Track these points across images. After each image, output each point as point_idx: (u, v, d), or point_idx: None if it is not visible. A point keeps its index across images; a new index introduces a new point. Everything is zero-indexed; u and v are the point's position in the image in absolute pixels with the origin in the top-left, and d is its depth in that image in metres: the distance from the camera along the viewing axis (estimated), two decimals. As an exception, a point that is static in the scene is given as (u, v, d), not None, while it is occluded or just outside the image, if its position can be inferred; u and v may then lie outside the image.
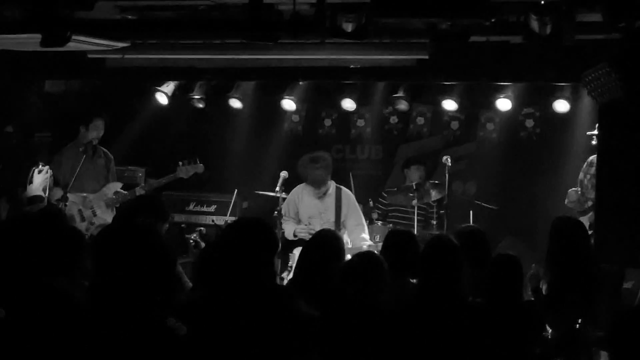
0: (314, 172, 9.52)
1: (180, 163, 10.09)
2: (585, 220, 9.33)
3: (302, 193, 9.67)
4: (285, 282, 9.08)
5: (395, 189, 11.01)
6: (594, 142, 9.50)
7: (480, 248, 6.74)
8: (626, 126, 8.54)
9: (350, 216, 9.64)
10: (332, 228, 9.10)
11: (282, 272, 9.13)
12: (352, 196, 9.76)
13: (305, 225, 9.54)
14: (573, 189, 9.76)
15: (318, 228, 9.31)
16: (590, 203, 9.54)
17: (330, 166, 9.68)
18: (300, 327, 4.14)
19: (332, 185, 9.65)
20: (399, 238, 6.78)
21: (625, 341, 3.75)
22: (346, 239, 9.46)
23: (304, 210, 9.63)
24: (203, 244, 6.10)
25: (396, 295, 5.66)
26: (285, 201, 9.66)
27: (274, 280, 4.41)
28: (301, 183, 9.74)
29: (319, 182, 9.55)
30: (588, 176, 9.64)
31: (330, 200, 9.63)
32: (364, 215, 10.26)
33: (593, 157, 9.63)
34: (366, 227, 9.78)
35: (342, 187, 9.73)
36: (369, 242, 9.52)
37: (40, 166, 8.29)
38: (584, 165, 9.76)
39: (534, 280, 7.35)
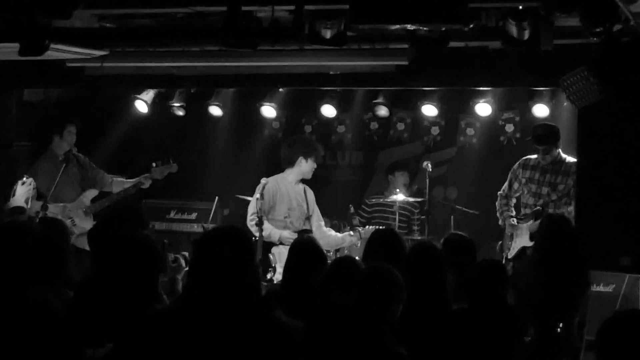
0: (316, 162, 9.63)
1: (154, 164, 10.08)
2: (525, 229, 9.31)
3: (280, 185, 9.53)
4: (273, 281, 9.08)
5: (374, 200, 11.08)
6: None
7: (467, 257, 6.75)
8: (605, 130, 8.58)
9: (315, 211, 9.68)
10: (306, 219, 9.43)
11: (265, 273, 9.06)
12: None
13: (285, 217, 9.48)
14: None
15: (295, 220, 9.38)
16: (528, 210, 9.49)
17: None
18: (279, 338, 4.09)
19: None
20: (384, 237, 6.81)
21: (613, 345, 3.75)
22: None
23: (287, 202, 9.53)
24: (184, 263, 6.06)
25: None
26: (261, 197, 9.47)
27: (253, 289, 4.32)
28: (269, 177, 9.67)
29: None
30: (523, 180, 9.60)
31: (303, 192, 9.66)
32: (345, 221, 10.30)
33: (523, 160, 9.65)
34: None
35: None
36: (334, 233, 9.78)
37: (25, 178, 8.28)
38: (515, 167, 9.69)
39: (515, 277, 7.38)
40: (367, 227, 9.93)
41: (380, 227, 9.60)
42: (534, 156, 9.59)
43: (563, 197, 9.35)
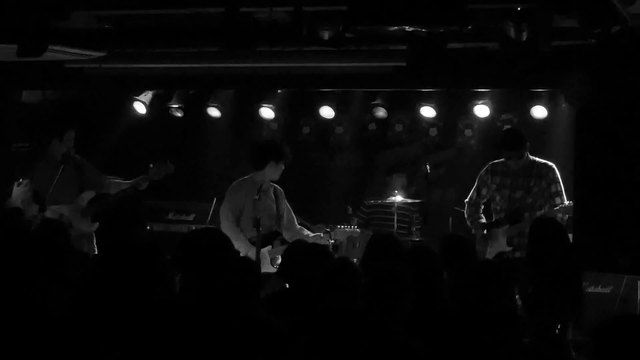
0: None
1: (151, 165, 10.06)
2: (501, 234, 9.25)
3: (248, 192, 9.25)
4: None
5: (372, 201, 11.07)
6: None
7: (465, 258, 6.74)
8: (603, 131, 8.60)
9: (285, 210, 9.55)
10: (275, 222, 9.23)
11: None
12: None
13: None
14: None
15: (262, 224, 9.28)
16: (502, 215, 9.39)
17: None
18: (263, 339, 4.06)
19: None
20: (384, 242, 6.77)
21: (608, 348, 3.75)
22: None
23: (256, 209, 9.36)
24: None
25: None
26: (227, 209, 9.25)
27: (235, 290, 4.29)
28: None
29: None
30: (493, 186, 9.44)
31: (272, 193, 9.53)
32: (343, 222, 10.28)
33: (490, 165, 9.54)
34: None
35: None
36: (307, 232, 9.47)
37: (21, 180, 8.29)
38: (483, 174, 9.49)
39: (521, 284, 7.37)
40: (339, 227, 9.87)
41: (380, 230, 9.61)
42: (500, 161, 9.45)
43: (538, 200, 9.27)
